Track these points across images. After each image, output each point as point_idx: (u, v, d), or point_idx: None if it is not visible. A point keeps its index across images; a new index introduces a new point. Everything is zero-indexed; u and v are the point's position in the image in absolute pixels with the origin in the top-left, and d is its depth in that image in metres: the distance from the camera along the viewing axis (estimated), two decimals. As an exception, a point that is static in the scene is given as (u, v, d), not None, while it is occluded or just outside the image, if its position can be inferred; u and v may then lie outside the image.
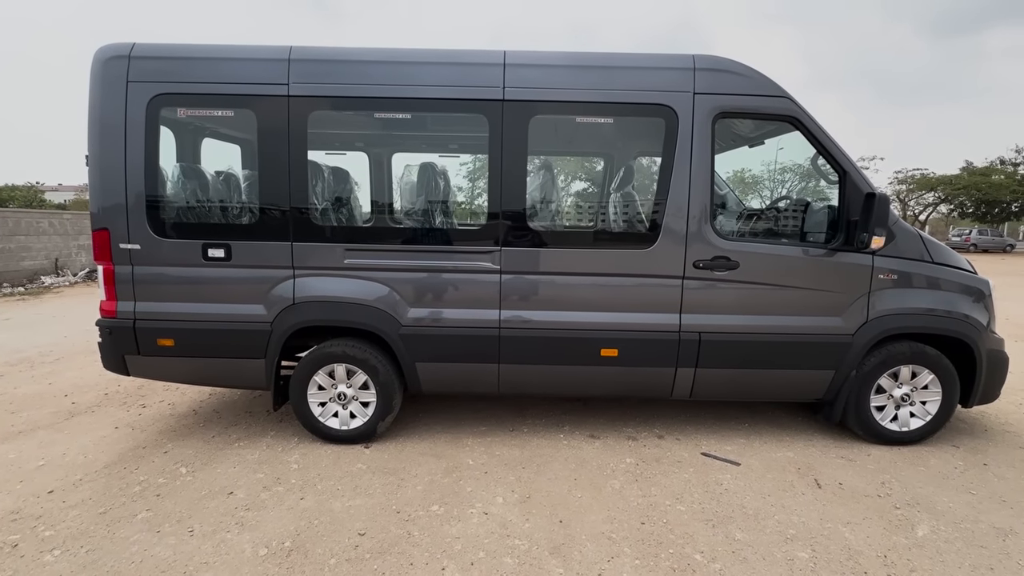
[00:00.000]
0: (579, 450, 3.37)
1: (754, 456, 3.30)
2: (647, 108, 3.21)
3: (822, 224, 3.37)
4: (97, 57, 3.13)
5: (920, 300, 3.30)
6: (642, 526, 2.55)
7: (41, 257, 12.36)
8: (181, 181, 3.43)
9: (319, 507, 2.69)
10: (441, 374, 3.38)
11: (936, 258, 3.34)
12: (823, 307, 3.26)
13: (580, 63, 3.21)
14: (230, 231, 3.36)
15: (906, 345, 3.32)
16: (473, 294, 3.27)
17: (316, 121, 3.25)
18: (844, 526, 2.56)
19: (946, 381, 3.33)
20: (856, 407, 3.37)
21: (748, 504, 2.75)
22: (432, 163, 3.70)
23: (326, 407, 3.39)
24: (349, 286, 3.25)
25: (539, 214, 3.54)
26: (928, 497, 2.82)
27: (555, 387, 3.52)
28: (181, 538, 2.42)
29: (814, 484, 2.96)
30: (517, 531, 2.50)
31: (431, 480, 2.97)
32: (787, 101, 3.15)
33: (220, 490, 2.85)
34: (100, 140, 3.13)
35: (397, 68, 3.19)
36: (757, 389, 3.45)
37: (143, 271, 3.23)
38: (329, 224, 3.50)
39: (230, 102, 3.24)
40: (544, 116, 3.24)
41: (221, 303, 3.26)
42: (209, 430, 3.65)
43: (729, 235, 3.38)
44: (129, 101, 3.10)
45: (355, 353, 3.30)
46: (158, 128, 3.17)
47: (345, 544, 2.39)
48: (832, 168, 3.22)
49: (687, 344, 3.25)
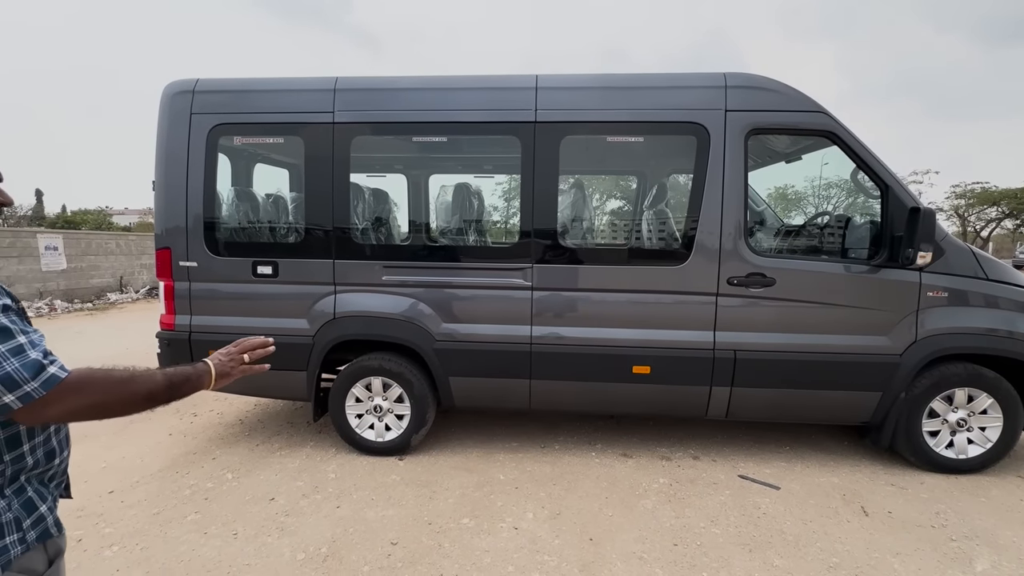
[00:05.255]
0: (611, 468, 3.33)
1: (795, 480, 3.17)
2: (678, 126, 3.24)
3: (864, 240, 3.27)
4: (166, 92, 3.44)
5: (976, 319, 3.12)
6: (675, 547, 2.49)
7: (108, 275, 13.32)
8: (235, 203, 3.68)
9: (354, 516, 2.77)
10: (473, 388, 3.44)
11: (991, 275, 3.16)
12: (867, 325, 3.14)
13: (610, 84, 3.28)
14: (277, 249, 3.57)
15: (961, 367, 3.13)
16: (505, 310, 3.33)
17: (358, 145, 3.44)
18: (893, 557, 2.42)
19: (1007, 406, 3.12)
20: (907, 432, 3.19)
21: (788, 530, 2.65)
22: (467, 183, 3.83)
23: (363, 419, 3.50)
24: (386, 302, 3.38)
25: (570, 232, 3.59)
26: (989, 530, 2.63)
27: (586, 404, 3.51)
28: (226, 540, 2.55)
29: (860, 511, 2.81)
30: (547, 547, 2.50)
31: (462, 493, 3.01)
32: (823, 116, 3.10)
33: (262, 496, 2.98)
34: (165, 167, 3.42)
35: (433, 94, 3.35)
36: (797, 410, 3.33)
37: (199, 287, 3.46)
38: (368, 243, 3.66)
39: (281, 130, 3.48)
40: (575, 136, 3.31)
41: (268, 317, 3.44)
42: (254, 439, 3.83)
43: (765, 252, 3.32)
44: (192, 131, 3.38)
45: (391, 367, 3.41)
46: (216, 155, 3.44)
47: (378, 552, 2.45)
48: (874, 183, 3.14)
49: (722, 362, 3.19)
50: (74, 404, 0.92)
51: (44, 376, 0.89)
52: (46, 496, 1.05)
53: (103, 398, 0.96)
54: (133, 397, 0.99)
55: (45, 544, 1.03)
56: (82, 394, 0.93)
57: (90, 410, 0.95)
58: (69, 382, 0.92)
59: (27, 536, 0.98)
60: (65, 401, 0.91)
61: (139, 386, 1.00)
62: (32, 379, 0.88)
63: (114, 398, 0.97)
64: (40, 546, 1.02)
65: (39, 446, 1.03)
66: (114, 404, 0.98)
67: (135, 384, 1.00)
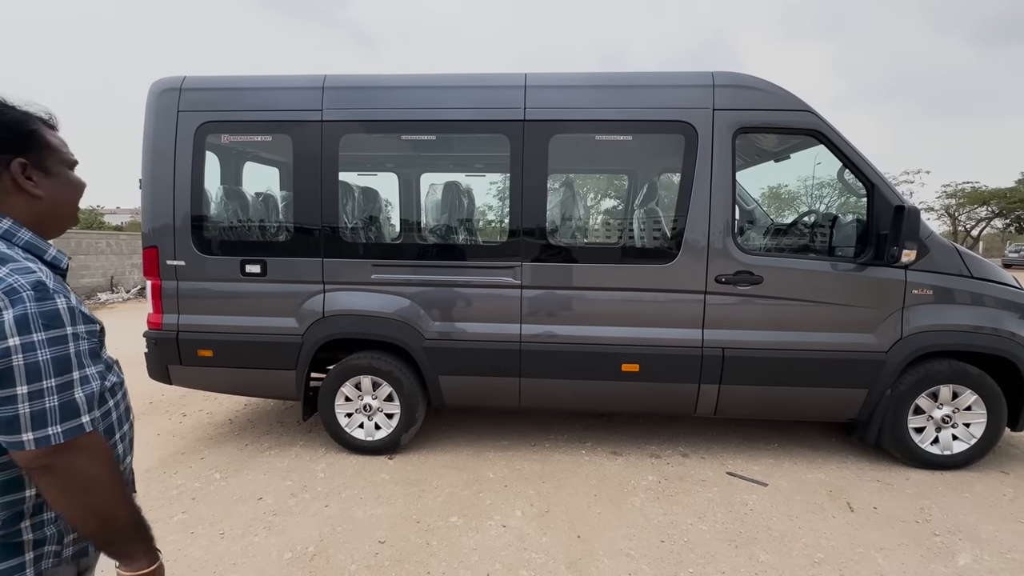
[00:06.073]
0: (601, 466, 3.35)
1: (783, 477, 3.20)
2: (666, 125, 3.25)
3: (851, 238, 3.29)
4: (152, 89, 3.42)
5: (961, 316, 3.15)
6: (662, 544, 2.51)
7: (99, 275, 13.21)
8: (223, 202, 3.66)
9: (343, 515, 2.76)
10: (463, 387, 3.44)
11: (976, 273, 3.20)
12: (853, 323, 3.16)
13: (599, 83, 3.29)
14: (266, 248, 3.56)
15: (946, 364, 3.17)
16: (495, 309, 3.33)
17: (347, 144, 3.43)
18: (877, 552, 2.44)
19: (991, 402, 3.15)
20: (893, 428, 3.22)
21: (774, 526, 2.67)
22: (456, 182, 3.83)
23: (352, 418, 3.50)
24: (376, 300, 3.38)
25: (559, 230, 3.60)
26: (972, 525, 2.66)
27: (576, 402, 3.52)
28: (212, 540, 2.54)
29: (846, 507, 2.84)
30: (534, 544, 2.50)
31: (451, 491, 3.01)
32: (809, 115, 3.12)
33: (251, 495, 2.97)
34: (152, 165, 3.39)
35: (422, 92, 3.34)
36: (785, 407, 3.35)
37: (187, 286, 3.44)
38: (358, 241, 3.66)
39: (269, 128, 3.47)
40: (564, 135, 3.32)
41: (256, 316, 3.43)
42: (243, 438, 3.81)
43: (753, 250, 3.34)
44: (179, 129, 3.36)
45: (380, 365, 3.40)
46: (204, 153, 3.42)
47: (366, 551, 2.45)
48: (859, 181, 3.16)
49: (710, 360, 3.21)
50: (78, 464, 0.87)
51: (67, 427, 0.84)
52: None
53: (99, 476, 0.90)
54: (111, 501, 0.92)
55: (78, 561, 1.01)
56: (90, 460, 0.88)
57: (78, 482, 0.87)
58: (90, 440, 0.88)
59: (64, 552, 0.96)
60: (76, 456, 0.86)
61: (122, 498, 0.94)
62: (49, 425, 0.83)
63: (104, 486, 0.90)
64: (73, 562, 0.99)
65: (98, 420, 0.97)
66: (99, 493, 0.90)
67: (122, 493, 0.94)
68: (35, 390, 0.82)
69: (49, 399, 0.83)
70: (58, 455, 0.85)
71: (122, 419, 1.05)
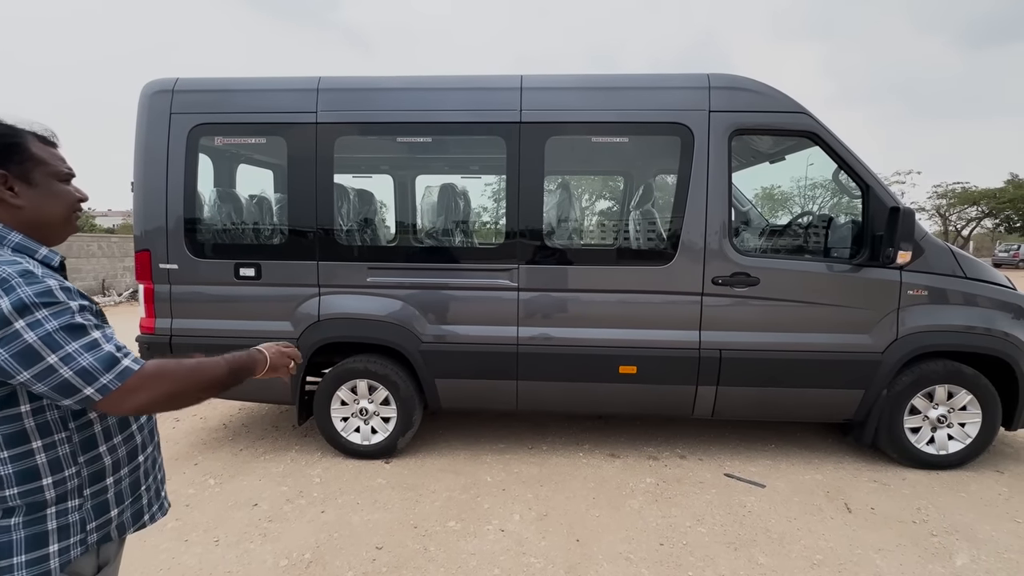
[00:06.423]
0: (598, 469, 3.33)
1: (780, 478, 3.20)
2: (663, 127, 3.25)
3: (846, 239, 3.31)
4: (144, 91, 3.38)
5: (955, 317, 3.17)
6: (661, 547, 2.50)
7: (90, 278, 13.08)
8: (217, 205, 3.62)
9: (339, 520, 2.73)
10: (460, 390, 3.42)
11: (970, 273, 3.22)
12: (849, 324, 3.17)
13: (595, 85, 3.29)
14: (260, 251, 3.52)
15: (941, 364, 3.18)
16: (491, 311, 3.32)
17: (342, 146, 3.40)
18: (875, 553, 2.45)
19: (986, 402, 3.17)
20: (889, 428, 3.24)
21: (773, 527, 2.67)
22: (452, 184, 3.81)
23: (348, 422, 3.47)
24: (372, 303, 3.35)
25: (556, 232, 3.59)
26: (968, 525, 2.67)
27: (573, 404, 3.51)
28: (207, 547, 2.50)
29: (844, 508, 2.84)
30: (533, 549, 2.49)
31: (449, 496, 2.99)
32: (804, 116, 3.13)
33: (245, 502, 2.93)
34: (144, 167, 3.35)
35: (418, 94, 3.33)
36: (782, 408, 3.36)
37: (180, 290, 3.40)
38: (353, 244, 3.63)
39: (263, 130, 3.44)
40: (560, 137, 3.31)
41: (250, 320, 3.39)
42: (237, 443, 3.77)
43: (750, 251, 3.35)
44: (172, 131, 3.32)
45: (376, 369, 3.38)
46: (197, 156, 3.38)
47: (363, 558, 2.42)
48: (855, 183, 3.18)
49: (707, 362, 3.21)
50: (149, 395, 0.95)
51: (118, 368, 0.92)
52: (126, 498, 1.08)
53: (176, 387, 0.99)
54: (201, 385, 1.03)
55: (99, 549, 1.05)
56: (156, 385, 0.96)
57: (166, 399, 0.98)
58: (143, 374, 0.94)
59: (88, 539, 1.01)
60: (141, 392, 0.94)
61: (206, 374, 1.04)
62: (107, 371, 0.91)
63: (185, 387, 1.00)
64: (95, 549, 1.04)
65: (120, 445, 1.06)
66: (186, 393, 1.01)
67: (203, 373, 1.03)
68: (63, 355, 0.88)
69: (82, 359, 0.89)
70: (129, 397, 0.93)
71: (112, 431, 1.07)
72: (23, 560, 0.92)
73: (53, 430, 0.96)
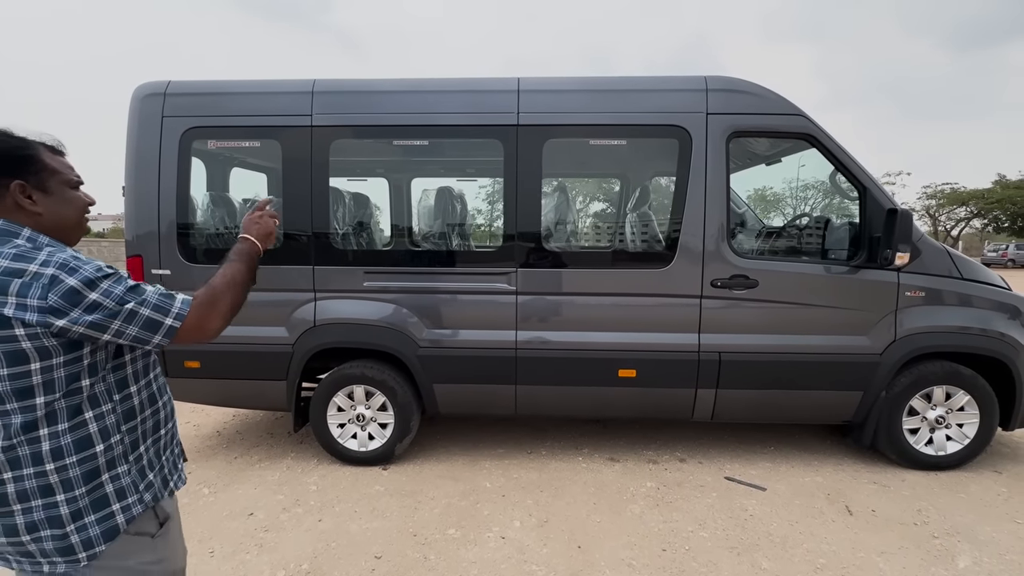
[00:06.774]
0: (598, 473, 3.31)
1: (780, 481, 3.19)
2: (660, 129, 3.25)
3: (843, 241, 3.31)
4: (135, 95, 3.32)
5: (952, 318, 3.18)
6: (663, 553, 2.48)
7: (79, 283, 12.90)
8: (210, 209, 3.57)
9: (337, 529, 2.69)
10: (458, 395, 3.38)
11: (966, 274, 3.23)
12: (848, 325, 3.17)
13: (592, 87, 3.27)
14: (255, 256, 3.47)
15: (938, 365, 3.19)
16: (490, 315, 3.29)
17: (338, 149, 3.37)
18: (878, 556, 2.44)
19: (983, 403, 3.18)
20: (888, 429, 3.24)
21: (775, 531, 2.65)
22: (449, 187, 3.78)
23: (345, 428, 3.42)
24: (368, 308, 3.31)
25: (554, 235, 3.57)
26: (969, 526, 2.67)
27: (572, 408, 3.48)
28: (201, 559, 2.45)
29: (845, 511, 2.84)
30: (534, 556, 2.46)
31: (448, 503, 2.95)
32: (801, 118, 3.14)
33: (241, 511, 2.88)
34: (136, 172, 3.29)
35: (414, 97, 3.30)
36: (782, 411, 3.35)
37: (172, 295, 3.34)
38: (349, 248, 3.59)
39: (257, 133, 3.39)
40: (558, 139, 3.29)
41: (245, 325, 3.32)
42: (232, 451, 3.71)
43: (748, 253, 3.34)
44: (164, 135, 3.27)
45: (373, 374, 3.34)
46: (190, 159, 3.33)
47: (362, 567, 2.38)
48: (852, 184, 3.18)
49: (707, 364, 3.20)
50: (217, 310, 1.14)
51: (179, 300, 1.10)
52: (155, 465, 1.19)
53: (232, 299, 1.18)
54: (243, 288, 1.23)
55: (155, 507, 1.18)
56: (216, 301, 1.15)
57: (229, 309, 1.17)
58: (200, 300, 1.12)
59: (144, 496, 1.14)
60: (209, 314, 1.12)
61: (240, 278, 1.24)
62: (174, 304, 1.09)
63: (237, 296, 1.20)
64: (152, 509, 1.16)
65: (148, 417, 1.19)
66: (238, 300, 1.20)
67: (238, 278, 1.23)
68: (140, 301, 1.05)
69: (154, 299, 1.07)
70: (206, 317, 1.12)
71: (144, 404, 1.17)
72: (93, 519, 1.05)
73: (101, 401, 1.07)
